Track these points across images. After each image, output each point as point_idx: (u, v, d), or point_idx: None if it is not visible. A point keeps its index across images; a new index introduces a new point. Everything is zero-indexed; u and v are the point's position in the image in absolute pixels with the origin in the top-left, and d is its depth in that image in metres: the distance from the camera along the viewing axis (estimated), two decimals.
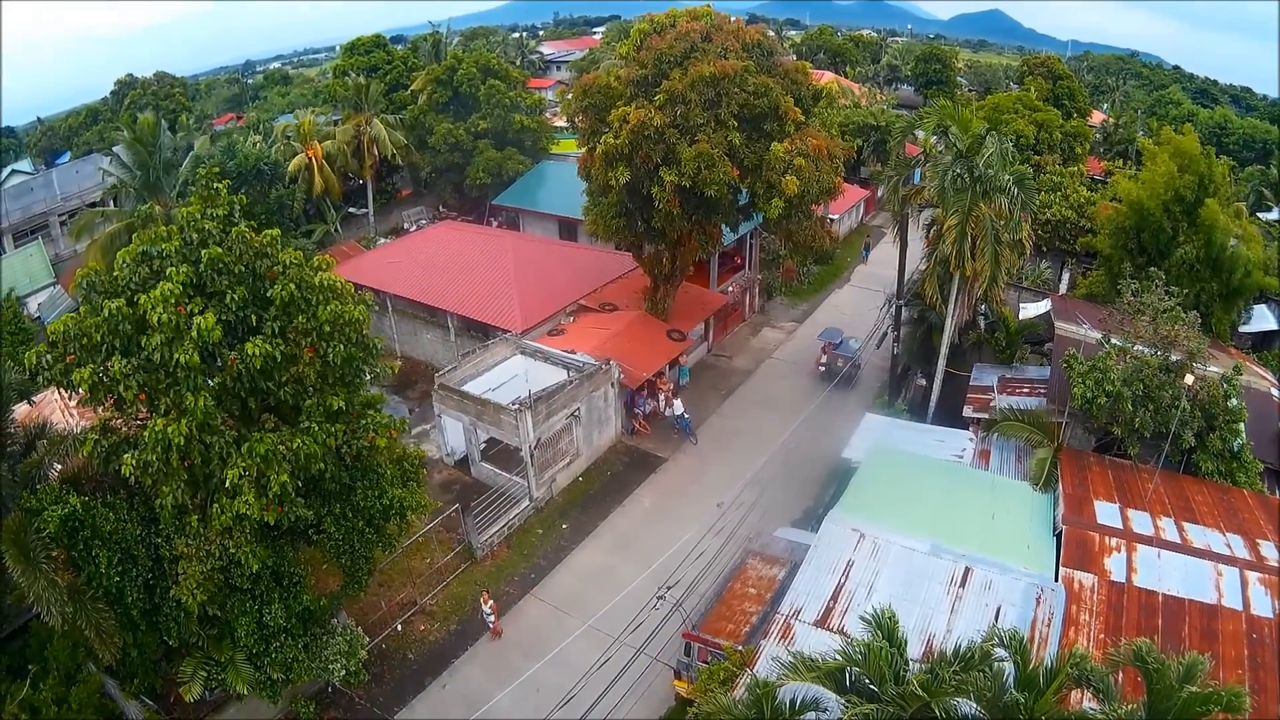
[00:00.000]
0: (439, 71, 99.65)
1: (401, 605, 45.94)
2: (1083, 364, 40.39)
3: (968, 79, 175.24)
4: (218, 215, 32.20)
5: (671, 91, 49.93)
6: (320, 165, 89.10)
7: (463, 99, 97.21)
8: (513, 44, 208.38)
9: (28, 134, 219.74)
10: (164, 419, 28.22)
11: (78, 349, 29.69)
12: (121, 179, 74.71)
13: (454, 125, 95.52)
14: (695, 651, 36.44)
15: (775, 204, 50.37)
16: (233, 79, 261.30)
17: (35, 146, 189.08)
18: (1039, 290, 65.79)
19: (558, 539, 50.61)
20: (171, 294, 28.31)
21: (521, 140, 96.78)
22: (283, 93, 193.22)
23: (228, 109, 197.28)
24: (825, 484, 52.18)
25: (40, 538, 29.85)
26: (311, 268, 32.35)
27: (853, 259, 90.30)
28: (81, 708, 32.69)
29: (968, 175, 46.21)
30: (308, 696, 40.10)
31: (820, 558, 36.02)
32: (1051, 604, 31.86)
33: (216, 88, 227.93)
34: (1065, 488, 39.08)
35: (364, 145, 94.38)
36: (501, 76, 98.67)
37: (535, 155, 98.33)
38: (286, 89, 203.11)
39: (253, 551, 30.53)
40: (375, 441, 33.61)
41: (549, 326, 62.57)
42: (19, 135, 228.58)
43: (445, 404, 54.15)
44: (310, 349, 31.10)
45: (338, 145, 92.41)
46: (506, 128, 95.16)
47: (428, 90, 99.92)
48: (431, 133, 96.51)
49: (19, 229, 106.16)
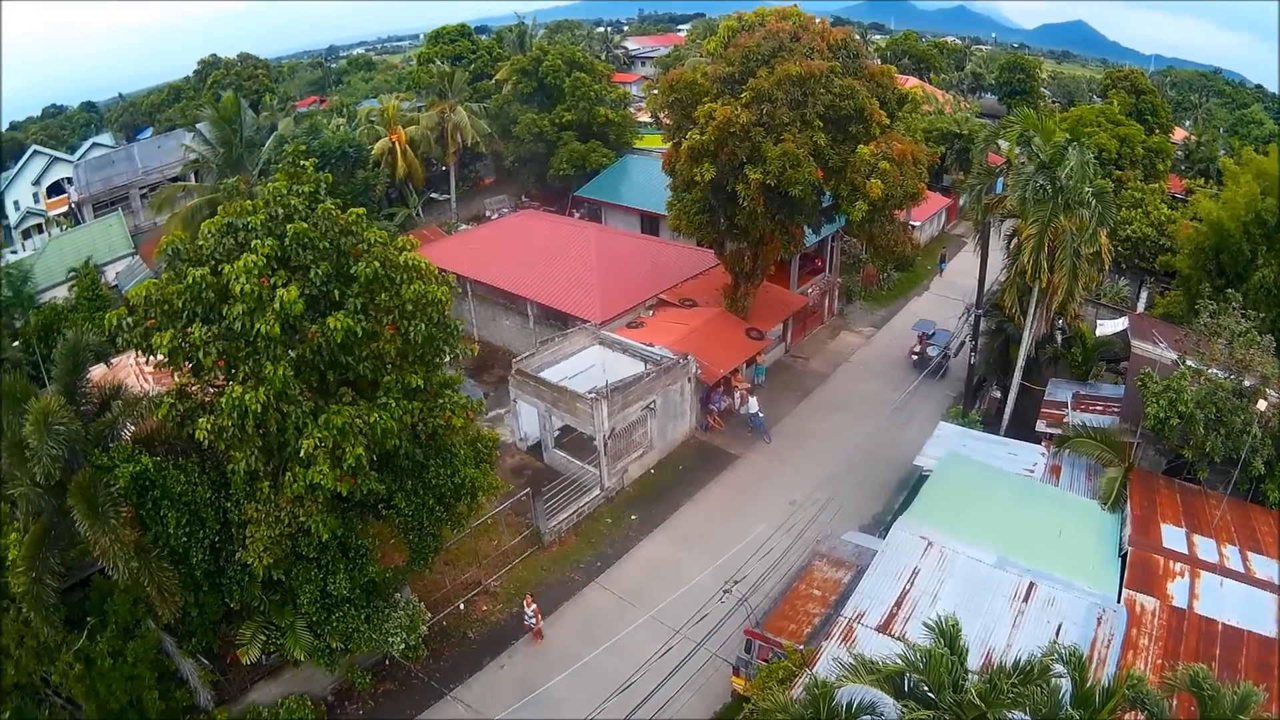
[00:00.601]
0: (524, 62, 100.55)
1: (465, 585, 46.47)
2: (1157, 383, 40.11)
3: (1051, 90, 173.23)
4: (304, 192, 32.77)
5: (758, 90, 49.96)
6: (404, 150, 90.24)
7: (548, 90, 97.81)
8: (597, 38, 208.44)
9: (109, 109, 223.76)
10: (242, 386, 28.74)
11: (158, 314, 30.39)
12: (204, 155, 75.86)
13: (538, 116, 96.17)
14: (756, 649, 36.47)
15: (859, 207, 50.27)
16: (315, 63, 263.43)
17: (116, 121, 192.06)
18: (1117, 308, 65.34)
19: (626, 529, 50.82)
20: (255, 265, 28.89)
21: (605, 133, 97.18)
22: (366, 78, 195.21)
23: (310, 92, 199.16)
24: (895, 490, 52.05)
25: (110, 493, 30.44)
26: (396, 247, 32.93)
27: (932, 267, 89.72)
28: (137, 661, 33.13)
29: (1049, 186, 45.93)
30: (364, 667, 40.61)
31: (887, 563, 36.03)
32: (1112, 625, 31.65)
33: (299, 71, 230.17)
34: (1133, 509, 38.72)
35: (448, 132, 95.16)
36: (587, 69, 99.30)
37: (619, 149, 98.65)
38: (370, 74, 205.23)
39: (323, 521, 31.15)
40: (452, 421, 34.18)
41: (628, 319, 62.76)
42: (100, 110, 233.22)
43: (521, 389, 54.62)
44: (391, 326, 31.65)
45: (421, 131, 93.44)
46: (591, 120, 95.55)
47: (513, 80, 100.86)
48: (515, 122, 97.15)
49: (99, 200, 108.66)
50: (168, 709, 34.77)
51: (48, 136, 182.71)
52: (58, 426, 30.02)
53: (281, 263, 30.47)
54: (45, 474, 29.79)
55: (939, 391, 63.06)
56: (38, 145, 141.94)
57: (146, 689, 33.41)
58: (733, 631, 40.12)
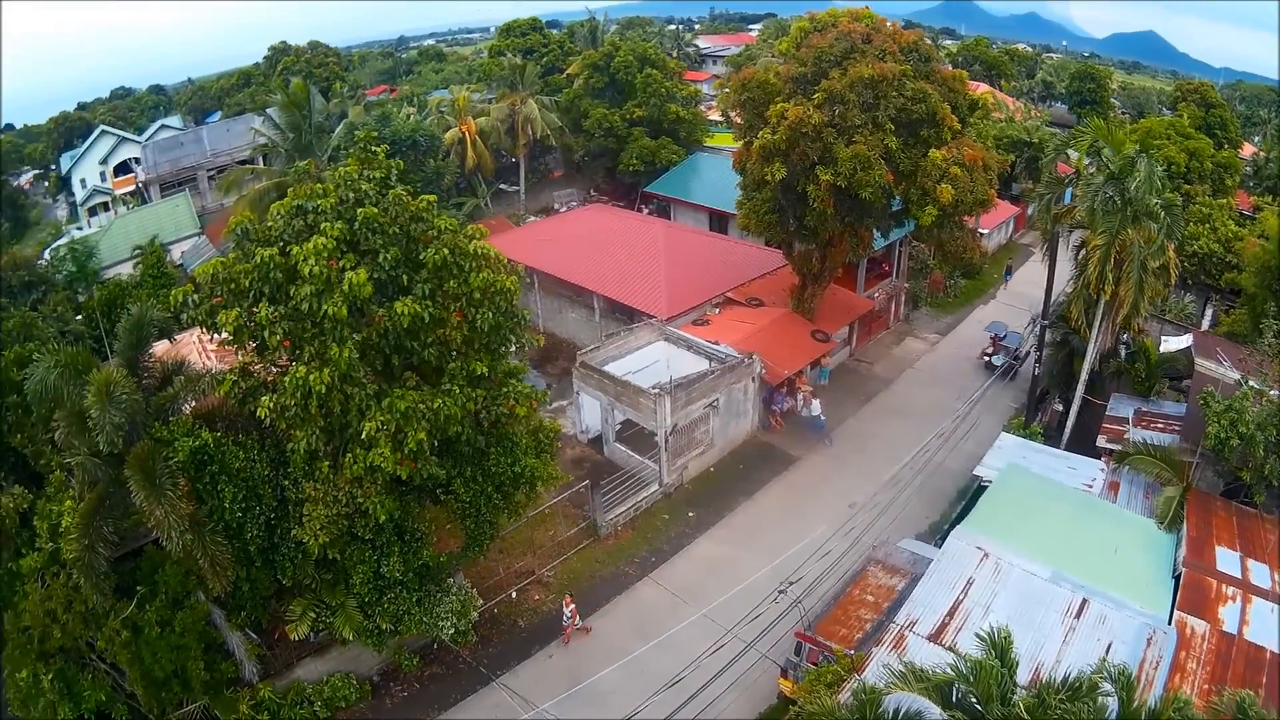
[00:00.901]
0: (596, 57, 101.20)
1: (519, 574, 46.77)
2: (1219, 403, 39.81)
3: (1121, 101, 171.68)
4: (375, 177, 33.09)
5: (830, 91, 49.92)
6: (474, 140, 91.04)
7: (619, 85, 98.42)
8: (669, 36, 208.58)
9: (178, 93, 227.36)
10: (306, 366, 29.20)
11: (224, 292, 30.92)
12: (273, 139, 76.69)
13: (609, 111, 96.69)
14: (805, 652, 36.51)
15: (929, 211, 50.08)
16: (386, 53, 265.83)
17: (185, 104, 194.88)
18: (1181, 324, 65.24)
19: (683, 526, 50.92)
20: (325, 248, 29.34)
21: (676, 130, 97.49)
22: (436, 69, 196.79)
23: (380, 81, 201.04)
24: (953, 500, 51.98)
25: (169, 466, 30.88)
26: (465, 235, 33.21)
27: (998, 275, 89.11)
28: (185, 631, 33.48)
29: (1118, 198, 45.74)
30: (412, 650, 41.13)
31: (942, 572, 36.13)
32: (1162, 646, 31.50)
33: (369, 60, 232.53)
34: (1189, 529, 38.53)
35: (518, 124, 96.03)
36: (659, 66, 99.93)
37: (689, 146, 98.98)
38: (440, 65, 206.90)
39: (381, 503, 31.57)
40: (515, 410, 34.24)
41: (694, 316, 62.81)
42: (168, 93, 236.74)
43: (585, 382, 55.00)
44: (459, 313, 31.99)
45: (492, 122, 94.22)
46: (661, 117, 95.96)
47: (584, 75, 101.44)
48: (586, 116, 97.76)
49: (166, 180, 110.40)
50: (212, 680, 35.31)
51: (115, 118, 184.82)
52: (120, 396, 30.48)
53: (350, 246, 30.93)
54: (108, 443, 30.19)
55: (1001, 403, 62.78)
56: (106, 126, 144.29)
57: (192, 659, 33.83)
58: (783, 633, 39.93)
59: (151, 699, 33.81)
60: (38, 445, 36.75)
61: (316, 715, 38.42)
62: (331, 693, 38.81)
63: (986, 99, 66.53)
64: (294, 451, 31.54)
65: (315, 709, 38.40)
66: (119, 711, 34.20)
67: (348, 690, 39.19)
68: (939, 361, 70.91)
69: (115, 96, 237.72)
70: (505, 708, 39.28)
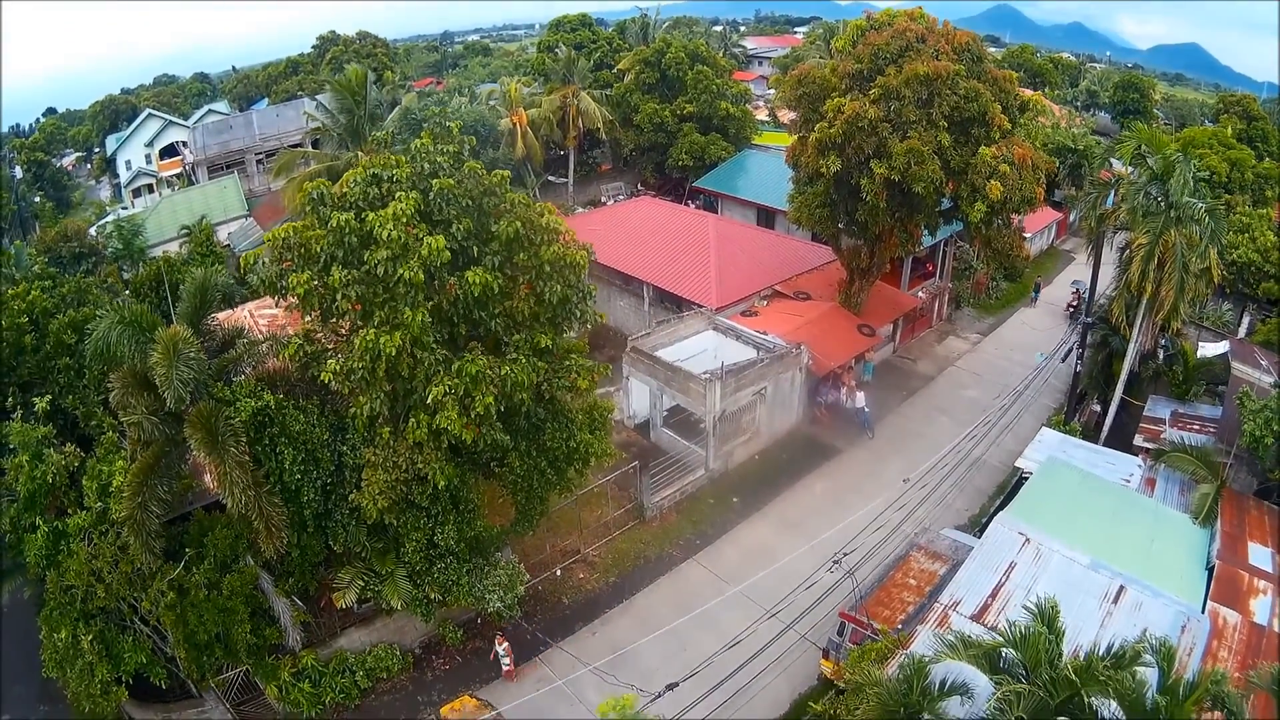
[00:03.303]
0: (647, 53, 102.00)
1: (564, 552, 48.03)
2: (1255, 402, 40.83)
3: (1164, 111, 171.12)
4: (448, 150, 33.96)
5: (886, 87, 50.77)
6: (524, 131, 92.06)
7: (669, 81, 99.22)
8: (716, 36, 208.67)
9: (223, 81, 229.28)
10: (376, 330, 30.12)
11: (295, 257, 31.96)
12: (325, 124, 77.75)
13: (659, 106, 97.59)
14: (848, 632, 37.53)
15: (979, 207, 50.76)
16: (431, 46, 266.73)
17: (231, 92, 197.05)
18: (1218, 331, 65.92)
19: (727, 511, 51.99)
20: (404, 214, 30.22)
21: (726, 127, 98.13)
22: (483, 63, 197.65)
23: (427, 74, 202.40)
24: (992, 496, 53.09)
25: (231, 425, 31.83)
26: (537, 210, 34.11)
27: (1042, 278, 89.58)
28: (232, 595, 34.16)
29: (1161, 199, 46.73)
30: (457, 624, 41.97)
31: (985, 555, 36.96)
32: (1195, 634, 32.25)
33: (415, 53, 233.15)
34: (1223, 525, 39.25)
35: (569, 116, 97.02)
36: (709, 63, 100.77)
37: (738, 143, 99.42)
38: (487, 60, 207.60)
39: (441, 469, 32.37)
40: (577, 383, 35.03)
41: (743, 307, 63.70)
42: (212, 81, 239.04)
43: (635, 367, 55.99)
44: (528, 285, 32.88)
45: (543, 114, 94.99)
46: (711, 113, 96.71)
47: (635, 70, 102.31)
48: (637, 111, 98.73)
49: (214, 163, 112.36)
50: (256, 645, 36.01)
51: (160, 103, 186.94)
52: (188, 354, 31.52)
53: (423, 216, 31.75)
54: (175, 399, 31.24)
55: (1040, 402, 63.37)
56: (152, 110, 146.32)
57: (238, 623, 34.50)
58: (825, 615, 41.15)
59: (192, 662, 34.50)
60: (90, 407, 38.39)
61: (358, 684, 39.38)
62: (374, 663, 39.85)
63: (1037, 100, 67.12)
64: (355, 416, 32.64)
65: (357, 678, 39.37)
66: (157, 674, 34.93)
67: (390, 661, 40.20)
68: (980, 361, 71.59)
69: (159, 83, 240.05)
70: (547, 681, 40.01)
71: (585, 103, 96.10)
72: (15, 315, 40.47)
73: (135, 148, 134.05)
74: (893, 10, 57.69)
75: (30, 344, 40.22)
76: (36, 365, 40.28)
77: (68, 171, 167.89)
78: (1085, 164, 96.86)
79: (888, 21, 54.95)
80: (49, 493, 34.36)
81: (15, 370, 39.68)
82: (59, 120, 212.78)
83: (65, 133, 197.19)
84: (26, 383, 40.10)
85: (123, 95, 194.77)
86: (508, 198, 34.12)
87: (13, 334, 39.77)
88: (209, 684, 36.79)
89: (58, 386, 39.85)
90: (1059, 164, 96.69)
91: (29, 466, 33.64)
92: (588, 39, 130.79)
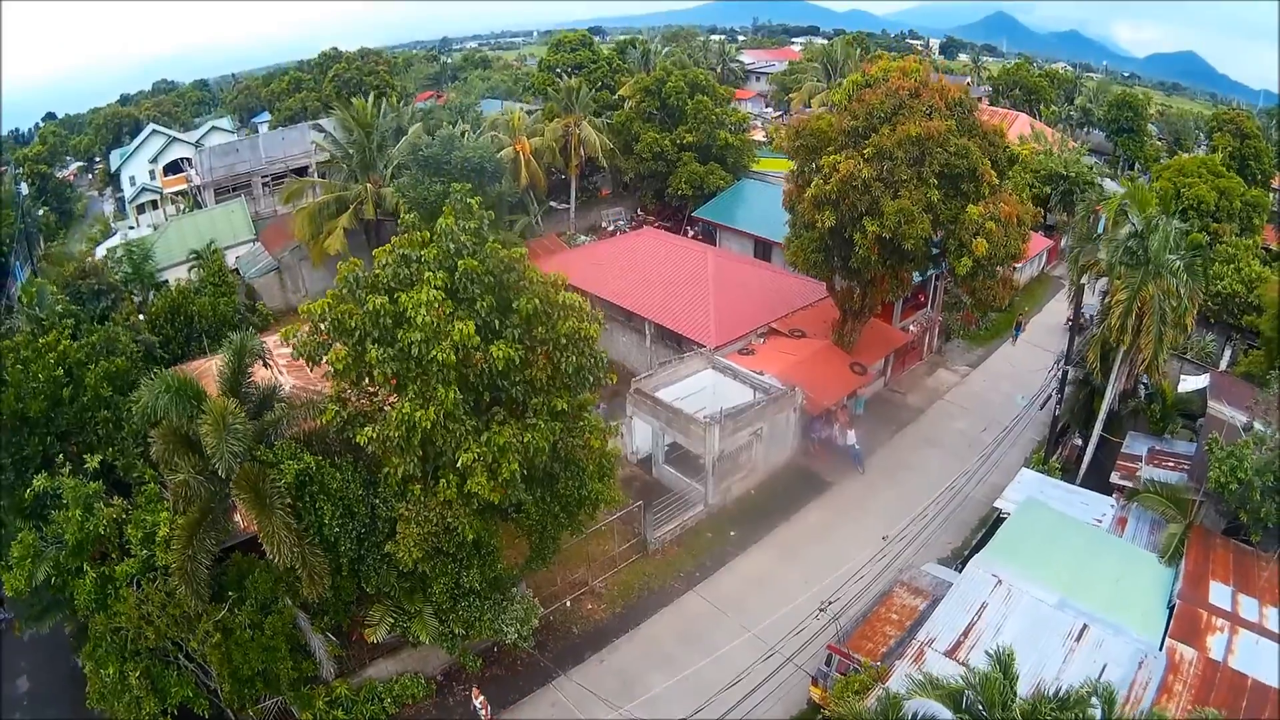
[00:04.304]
0: (648, 82, 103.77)
1: (573, 584, 50.29)
2: (1223, 449, 42.14)
3: (1158, 126, 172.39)
4: (470, 228, 36.30)
5: (880, 147, 52.68)
6: (527, 160, 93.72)
7: (669, 110, 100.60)
8: (714, 51, 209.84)
9: (223, 90, 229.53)
10: (410, 403, 32.85)
11: (331, 330, 34.73)
12: (335, 155, 79.70)
13: (660, 135, 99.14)
14: (835, 663, 39.91)
15: (964, 262, 52.70)
16: (431, 56, 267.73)
17: (232, 103, 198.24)
18: (1200, 363, 67.04)
19: (725, 544, 54.14)
20: (435, 300, 32.88)
21: (724, 156, 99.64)
22: (483, 76, 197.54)
23: (427, 86, 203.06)
24: (975, 528, 54.74)
25: (277, 487, 34.46)
26: (554, 286, 36.66)
27: (1031, 308, 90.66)
28: (274, 634, 36.46)
29: (1141, 253, 48.57)
30: (476, 652, 43.96)
31: (959, 595, 39.36)
32: (1151, 670, 34.38)
33: (415, 63, 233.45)
34: (1187, 565, 41.09)
35: (572, 145, 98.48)
36: (709, 93, 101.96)
37: (736, 172, 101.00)
38: (486, 73, 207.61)
39: (469, 523, 35.21)
40: (590, 442, 38.39)
41: (740, 345, 65.88)
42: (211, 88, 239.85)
43: (638, 407, 57.95)
44: (545, 355, 35.37)
45: (546, 143, 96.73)
46: (711, 143, 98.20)
47: (636, 98, 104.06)
48: (637, 140, 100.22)
49: (221, 185, 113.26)
50: (295, 678, 38.52)
51: (161, 113, 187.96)
52: (236, 426, 33.88)
53: (450, 293, 34.36)
54: (226, 469, 33.73)
55: (1026, 435, 65.29)
56: (156, 125, 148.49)
57: (281, 659, 36.89)
58: (816, 646, 43.64)
59: (235, 695, 36.87)
60: (130, 459, 40.48)
61: (385, 711, 41.60)
62: (401, 690, 42.12)
63: (1024, 152, 68.90)
64: (389, 475, 35.39)
65: (384, 705, 41.57)
66: (200, 706, 36.92)
67: (415, 688, 42.51)
68: (968, 394, 73.12)
69: (158, 90, 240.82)
70: (561, 706, 42.89)
71: (587, 132, 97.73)
72: (51, 368, 41.77)
73: (139, 164, 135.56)
74: (888, 64, 60.07)
75: (68, 396, 41.74)
76: (74, 416, 41.85)
77: (70, 183, 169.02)
78: (1077, 190, 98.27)
79: (882, 78, 56.83)
80: (95, 541, 36.14)
81: (53, 421, 41.25)
82: (59, 127, 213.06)
83: (67, 142, 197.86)
84: (64, 432, 41.79)
85: (125, 108, 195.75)
86: (527, 275, 36.57)
87: (50, 387, 41.21)
88: (248, 713, 39.07)
89: (96, 438, 41.62)
90: (1052, 190, 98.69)
91: (80, 519, 35.38)
92: (587, 59, 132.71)
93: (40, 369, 41.42)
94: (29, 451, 40.48)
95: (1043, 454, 60.50)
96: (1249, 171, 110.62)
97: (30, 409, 40.19)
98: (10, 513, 39.26)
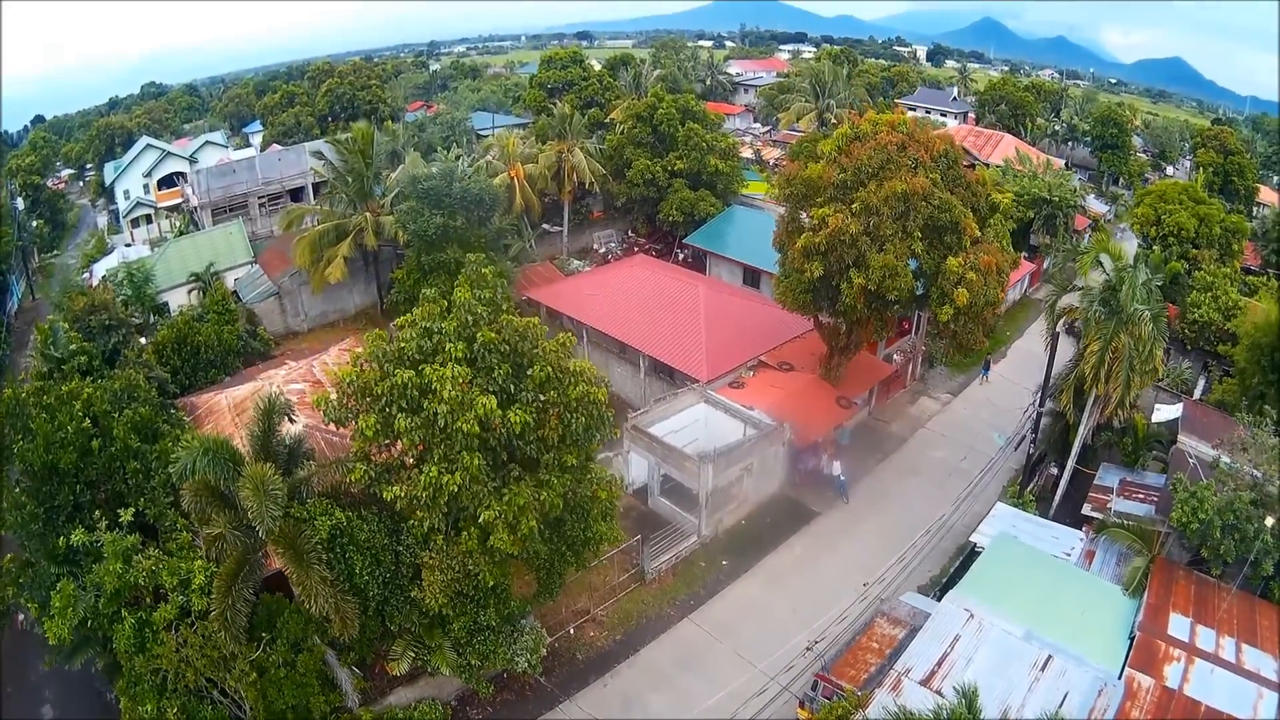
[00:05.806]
0: (640, 108, 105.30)
1: (576, 613, 52.82)
2: (1186, 489, 44.47)
3: (1143, 139, 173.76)
4: (485, 297, 39.25)
5: (866, 202, 54.80)
6: (522, 185, 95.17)
7: (661, 136, 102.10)
8: (702, 63, 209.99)
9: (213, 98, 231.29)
10: (437, 467, 35.67)
11: (358, 397, 37.63)
12: (333, 182, 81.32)
13: (651, 161, 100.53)
14: (821, 688, 42.83)
15: (946, 310, 54.96)
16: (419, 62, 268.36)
17: (222, 112, 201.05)
18: (1175, 392, 68.62)
19: (718, 573, 56.71)
20: (460, 376, 35.74)
21: (714, 183, 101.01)
22: (473, 87, 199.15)
23: (417, 96, 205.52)
24: (954, 556, 57.34)
25: (312, 543, 37.15)
26: (563, 349, 39.76)
27: (1013, 332, 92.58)
28: (306, 671, 38.59)
29: (1114, 303, 51.46)
30: (488, 679, 46.54)
31: (935, 628, 42.32)
32: (1110, 697, 37.10)
33: (404, 71, 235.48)
34: (1149, 597, 43.64)
35: (565, 171, 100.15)
36: (700, 119, 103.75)
37: (726, 198, 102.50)
38: (476, 84, 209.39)
39: (490, 571, 38.20)
40: (598, 493, 41.44)
41: (730, 378, 68.05)
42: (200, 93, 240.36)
43: (635, 443, 60.21)
44: (556, 416, 38.05)
45: (539, 169, 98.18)
46: (701, 170, 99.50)
47: (628, 124, 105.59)
48: (629, 165, 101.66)
49: (218, 206, 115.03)
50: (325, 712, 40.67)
51: (151, 120, 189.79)
52: (273, 491, 36.37)
53: (469, 362, 37.21)
54: (266, 530, 36.51)
55: (1006, 465, 67.85)
56: (150, 139, 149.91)
57: (313, 694, 38.99)
58: (803, 669, 47.81)
59: None
60: (160, 507, 42.41)
61: None
62: (420, 716, 44.47)
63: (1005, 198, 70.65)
64: (413, 527, 38.35)
65: None
66: None
67: (433, 714, 44.79)
68: (951, 422, 75.38)
69: (146, 95, 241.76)
70: None
71: (579, 159, 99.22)
72: (79, 419, 43.08)
73: (134, 178, 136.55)
74: (876, 116, 62.39)
75: (97, 447, 42.91)
76: (103, 465, 43.24)
77: (61, 192, 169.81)
78: (1060, 214, 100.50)
79: (871, 132, 58.91)
80: (132, 589, 38.25)
81: (83, 471, 42.61)
82: (48, 131, 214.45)
83: (58, 149, 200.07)
84: (93, 481, 43.30)
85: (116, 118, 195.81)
86: (539, 343, 39.23)
87: (79, 438, 42.47)
88: None
89: (125, 487, 43.31)
90: (1035, 214, 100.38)
91: (120, 571, 37.47)
92: (578, 76, 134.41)
93: (67, 419, 42.83)
94: (60, 501, 42.11)
95: (1018, 486, 62.72)
96: (1232, 187, 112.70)
97: (61, 460, 41.78)
98: (45, 558, 41.37)
